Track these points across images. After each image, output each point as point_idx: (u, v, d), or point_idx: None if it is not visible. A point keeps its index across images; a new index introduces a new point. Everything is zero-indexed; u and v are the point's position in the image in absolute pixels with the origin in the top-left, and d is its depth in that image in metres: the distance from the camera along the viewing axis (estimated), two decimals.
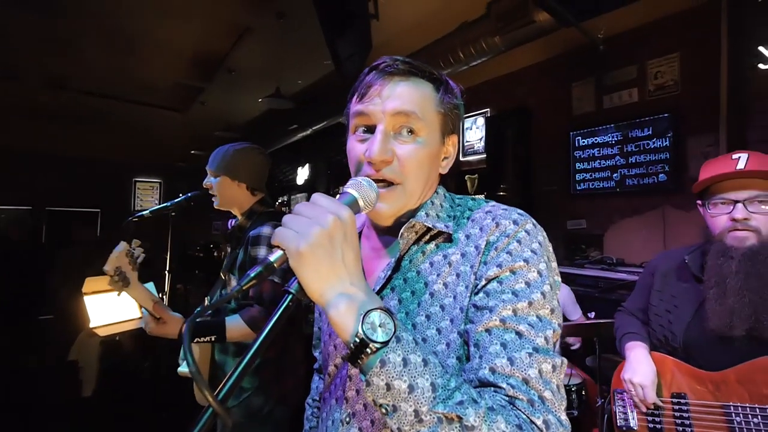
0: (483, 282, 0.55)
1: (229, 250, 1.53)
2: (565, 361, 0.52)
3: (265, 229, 1.36)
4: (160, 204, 1.76)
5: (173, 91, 5.43)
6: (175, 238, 2.17)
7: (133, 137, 7.31)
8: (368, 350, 0.44)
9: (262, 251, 1.33)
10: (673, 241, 2.79)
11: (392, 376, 0.43)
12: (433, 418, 0.42)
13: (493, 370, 0.48)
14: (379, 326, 0.44)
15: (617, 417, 1.20)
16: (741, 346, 0.98)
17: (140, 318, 1.64)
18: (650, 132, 3.05)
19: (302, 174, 7.62)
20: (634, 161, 3.15)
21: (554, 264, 0.60)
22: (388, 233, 0.66)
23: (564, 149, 3.57)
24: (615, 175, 3.26)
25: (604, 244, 3.30)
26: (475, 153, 4.59)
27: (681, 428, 1.05)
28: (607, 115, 3.31)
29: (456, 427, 0.42)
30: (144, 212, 1.67)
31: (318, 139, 6.05)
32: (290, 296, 0.48)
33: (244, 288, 0.46)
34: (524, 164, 3.89)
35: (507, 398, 0.46)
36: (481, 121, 4.48)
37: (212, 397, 0.38)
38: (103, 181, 8.32)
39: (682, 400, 1.06)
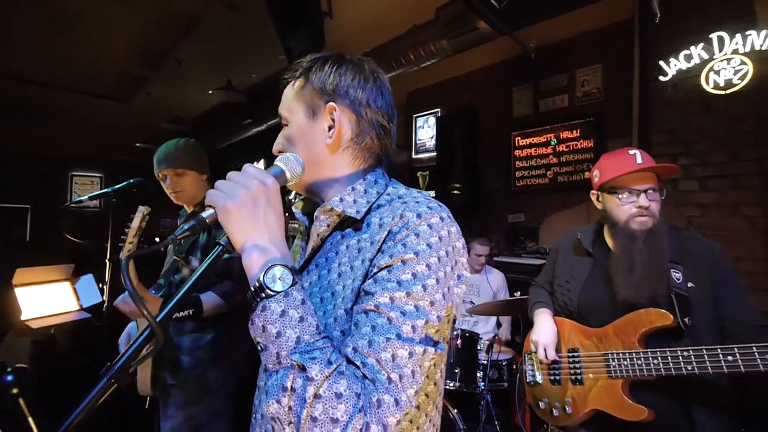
0: (375, 269, 0.58)
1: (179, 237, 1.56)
2: (432, 350, 0.56)
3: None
4: (100, 201, 1.76)
5: (115, 80, 5.16)
6: (116, 229, 2.13)
7: (71, 128, 6.82)
8: (263, 295, 0.53)
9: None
10: None
11: (267, 321, 0.52)
12: (288, 362, 0.51)
13: (354, 349, 0.54)
14: (279, 279, 0.53)
15: (527, 375, 1.39)
16: (608, 309, 1.19)
17: (77, 310, 1.63)
18: (578, 134, 3.38)
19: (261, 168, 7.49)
20: (564, 160, 3.47)
21: (461, 258, 0.63)
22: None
23: (505, 149, 3.85)
24: (549, 172, 3.58)
25: (539, 235, 3.61)
26: (426, 151, 4.80)
27: (574, 376, 1.24)
28: (542, 118, 3.62)
29: (302, 376, 0.50)
30: (83, 198, 1.66)
31: (273, 134, 5.99)
32: (221, 247, 0.58)
33: (178, 238, 0.55)
34: (471, 162, 4.13)
35: (360, 375, 0.52)
36: (432, 120, 4.68)
37: (152, 318, 0.47)
38: (35, 175, 7.69)
39: (575, 354, 1.26)
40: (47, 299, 2.32)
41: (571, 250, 1.38)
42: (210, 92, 3.94)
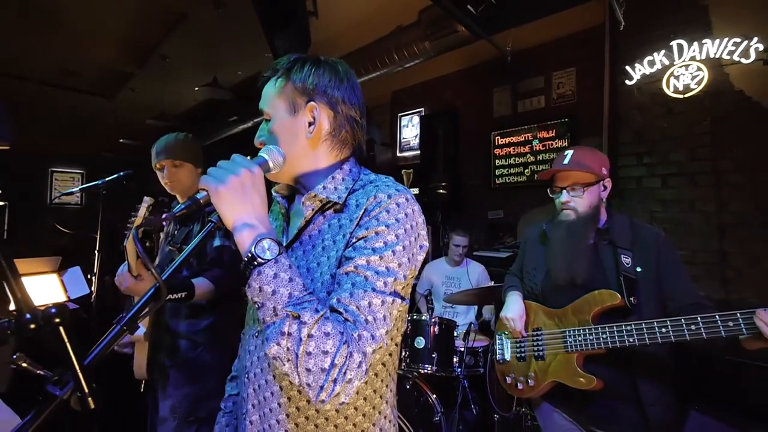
0: (354, 240, 0.71)
1: (177, 227, 1.63)
2: (399, 301, 0.69)
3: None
4: (81, 198, 1.82)
5: (99, 76, 5.11)
6: (105, 222, 2.18)
7: (51, 124, 6.71)
8: (255, 263, 0.62)
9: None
10: None
11: (263, 282, 0.62)
12: (284, 313, 0.61)
13: (338, 300, 0.66)
14: (267, 249, 0.63)
15: (497, 353, 1.51)
16: (568, 291, 1.32)
17: (65, 302, 1.69)
18: (554, 134, 3.55)
19: None
20: (541, 159, 3.63)
21: (422, 231, 0.76)
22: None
23: (486, 147, 3.99)
24: (526, 170, 3.74)
25: (517, 231, 3.76)
26: (411, 149, 4.91)
27: (537, 353, 1.37)
28: (520, 118, 3.77)
29: (296, 322, 0.60)
30: (74, 189, 1.71)
31: None
32: (212, 224, 0.68)
33: (177, 215, 0.64)
34: (453, 160, 4.26)
35: (342, 319, 0.64)
36: (416, 119, 4.80)
37: (158, 276, 0.57)
38: (13, 171, 7.51)
39: (539, 332, 1.39)
40: (35, 290, 2.35)
41: (537, 240, 1.51)
42: (196, 89, 3.96)
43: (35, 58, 4.54)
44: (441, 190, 4.17)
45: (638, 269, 1.24)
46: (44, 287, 2.26)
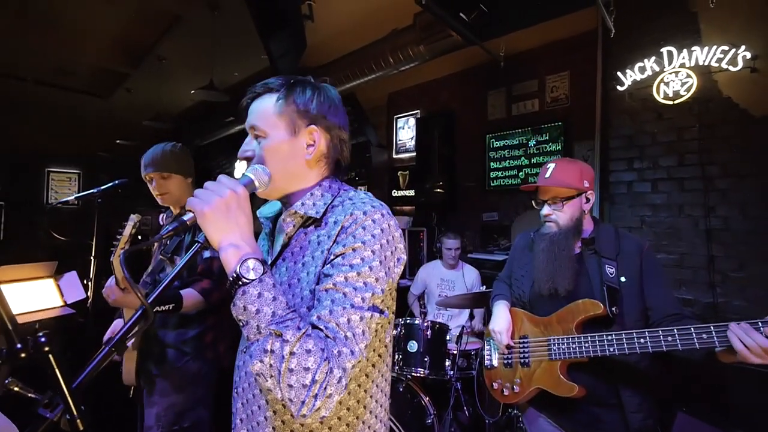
0: (332, 257, 0.73)
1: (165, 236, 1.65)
2: (377, 315, 0.72)
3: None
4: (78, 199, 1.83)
5: (94, 76, 5.12)
6: (101, 228, 2.20)
7: (47, 124, 6.70)
8: (240, 283, 0.65)
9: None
10: None
11: (247, 302, 0.64)
12: (267, 331, 0.64)
13: (318, 317, 0.69)
14: (252, 269, 0.65)
15: (485, 359, 1.55)
16: (554, 300, 1.36)
17: (61, 306, 1.71)
18: (547, 137, 3.58)
19: (240, 167, 7.51)
20: (535, 162, 3.66)
21: (399, 245, 0.79)
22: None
23: (480, 150, 4.02)
24: (520, 173, 3.77)
25: (511, 233, 3.80)
26: (406, 151, 4.94)
27: (523, 360, 1.40)
28: (515, 121, 3.80)
29: (279, 340, 0.63)
30: (69, 198, 1.73)
31: None
32: (199, 244, 0.71)
33: (164, 237, 0.68)
34: (449, 162, 4.29)
35: (323, 335, 0.67)
36: (412, 121, 4.82)
37: (144, 299, 0.59)
38: (8, 171, 7.50)
39: (525, 340, 1.42)
40: (31, 296, 2.37)
41: (525, 248, 1.54)
42: (192, 92, 3.97)
43: (30, 58, 4.54)
44: (436, 191, 4.21)
45: (622, 279, 1.28)
46: (41, 292, 2.28)
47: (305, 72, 0.95)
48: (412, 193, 4.74)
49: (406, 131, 4.95)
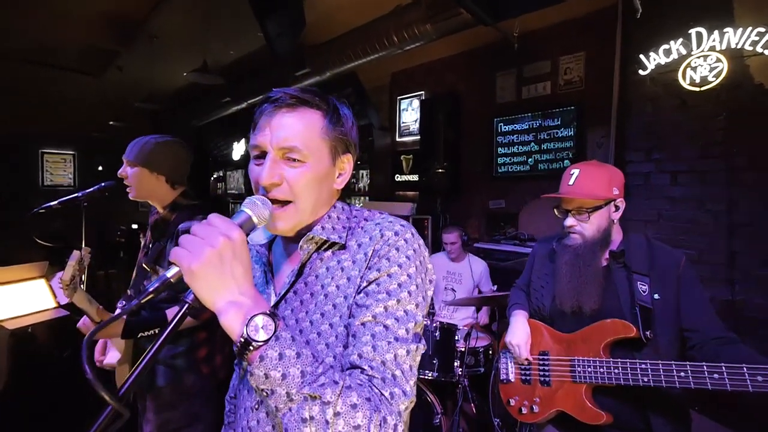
0: (365, 283, 0.66)
1: (149, 240, 1.55)
2: (420, 346, 0.65)
3: (195, 224, 1.42)
4: (74, 180, 1.71)
5: (85, 54, 4.88)
6: (90, 227, 2.09)
7: (38, 103, 6.47)
8: (251, 347, 0.54)
9: None
10: None
11: (269, 368, 0.54)
12: (300, 397, 0.53)
13: (360, 356, 0.60)
14: (262, 328, 0.54)
15: (501, 372, 1.47)
16: (577, 317, 1.26)
17: (55, 308, 1.62)
18: (559, 122, 3.41)
19: (238, 149, 7.32)
20: (545, 148, 3.51)
21: (429, 265, 0.72)
22: (294, 240, 0.75)
23: (488, 134, 3.85)
24: (530, 159, 3.62)
25: (519, 221, 3.69)
26: (410, 134, 4.76)
27: (542, 377, 1.32)
28: (525, 105, 3.62)
29: (317, 403, 0.53)
30: (52, 203, 1.62)
31: (255, 113, 5.85)
32: (187, 305, 0.57)
33: (142, 302, 0.55)
34: (454, 147, 4.13)
35: (367, 377, 0.58)
36: (416, 103, 4.62)
37: (110, 396, 0.48)
38: (1, 152, 7.31)
39: (546, 357, 1.34)
40: (22, 298, 2.27)
41: (546, 257, 1.43)
42: (185, 74, 3.77)
43: (14, 35, 4.30)
44: (440, 177, 4.06)
45: (655, 296, 1.17)
46: (33, 293, 2.19)
47: (303, 50, 0.82)
48: (415, 178, 4.60)
49: (409, 113, 4.76)
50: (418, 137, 4.48)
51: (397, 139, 4.88)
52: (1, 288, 2.11)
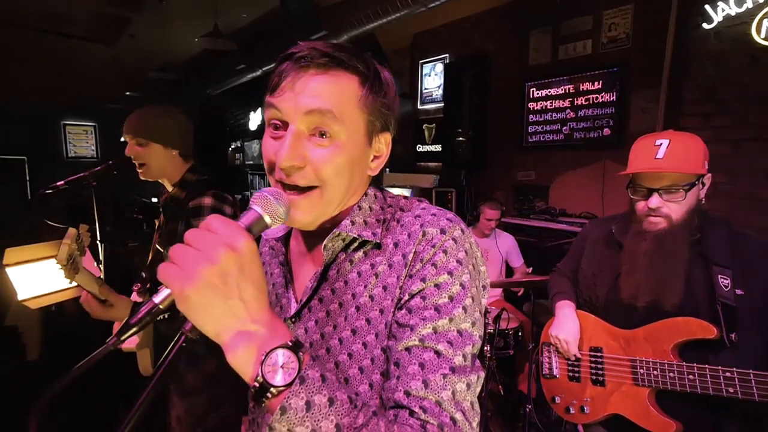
0: (407, 296, 0.53)
1: (162, 221, 1.46)
2: (482, 375, 0.53)
3: (207, 200, 1.32)
4: (96, 151, 1.63)
5: (95, 21, 4.73)
6: (106, 203, 2.02)
7: (58, 75, 6.43)
8: (269, 395, 0.41)
9: None
10: (610, 194, 2.98)
11: (294, 422, 0.41)
12: None
13: (408, 393, 0.48)
14: (282, 367, 0.42)
15: (543, 366, 1.34)
16: (645, 313, 1.10)
17: (76, 287, 1.59)
18: (600, 86, 3.09)
19: (255, 119, 7.16)
20: (582, 115, 3.22)
21: (483, 268, 0.59)
22: (315, 236, 0.61)
23: (519, 100, 3.57)
24: (564, 128, 3.34)
25: (549, 195, 3.47)
26: (432, 101, 4.49)
27: (595, 377, 1.19)
28: (561, 67, 3.30)
29: None
30: (59, 183, 1.53)
31: (273, 71, 5.65)
32: (183, 335, 0.45)
33: (122, 340, 0.44)
34: (480, 114, 3.86)
35: (420, 423, 0.46)
36: (440, 67, 4.33)
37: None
38: (26, 124, 7.38)
39: (598, 353, 1.20)
40: (42, 277, 2.23)
41: (600, 241, 1.26)
42: (197, 40, 3.59)
43: (25, 3, 4.17)
44: (465, 148, 3.83)
45: (738, 292, 1.00)
46: (50, 273, 2.16)
47: (319, 11, 0.65)
48: (438, 148, 4.37)
49: (432, 78, 4.47)
50: (442, 104, 4.22)
51: (419, 107, 4.62)
52: (19, 268, 2.05)
